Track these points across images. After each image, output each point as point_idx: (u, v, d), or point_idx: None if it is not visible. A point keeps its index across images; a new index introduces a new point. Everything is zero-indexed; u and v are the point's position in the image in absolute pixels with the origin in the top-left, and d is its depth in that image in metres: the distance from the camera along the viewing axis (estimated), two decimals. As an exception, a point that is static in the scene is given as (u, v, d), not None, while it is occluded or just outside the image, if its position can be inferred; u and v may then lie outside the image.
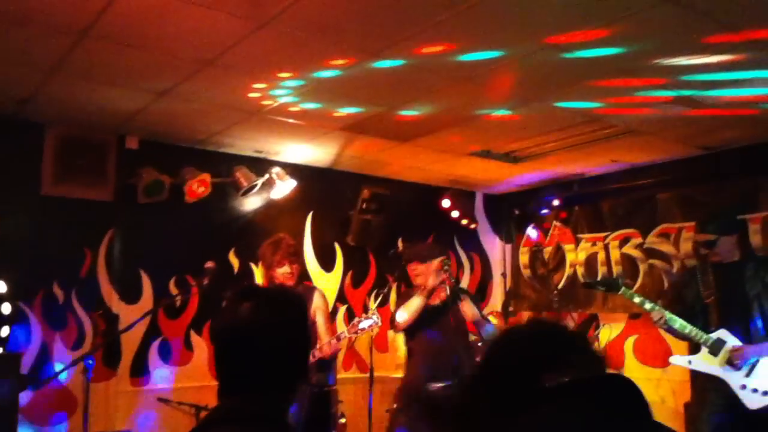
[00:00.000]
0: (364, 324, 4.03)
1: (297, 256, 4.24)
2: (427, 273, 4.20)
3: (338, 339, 4.08)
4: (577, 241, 6.55)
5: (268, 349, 1.48)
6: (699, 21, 3.10)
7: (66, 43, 3.33)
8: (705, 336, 3.91)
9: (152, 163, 4.88)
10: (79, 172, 4.75)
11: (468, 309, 4.16)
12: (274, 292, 1.68)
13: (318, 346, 4.08)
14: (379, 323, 4.11)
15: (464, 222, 6.83)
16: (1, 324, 4.07)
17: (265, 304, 1.54)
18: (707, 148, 5.40)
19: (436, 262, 4.17)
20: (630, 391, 1.23)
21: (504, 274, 7.25)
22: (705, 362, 3.91)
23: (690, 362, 4.00)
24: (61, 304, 4.67)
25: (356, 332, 4.07)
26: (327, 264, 6.02)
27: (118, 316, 4.84)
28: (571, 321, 6.02)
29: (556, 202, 6.55)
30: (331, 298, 5.85)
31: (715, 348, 3.87)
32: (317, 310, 4.24)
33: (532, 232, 6.91)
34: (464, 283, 7.07)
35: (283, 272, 4.13)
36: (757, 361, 3.78)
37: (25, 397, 4.21)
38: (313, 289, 4.42)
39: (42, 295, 4.59)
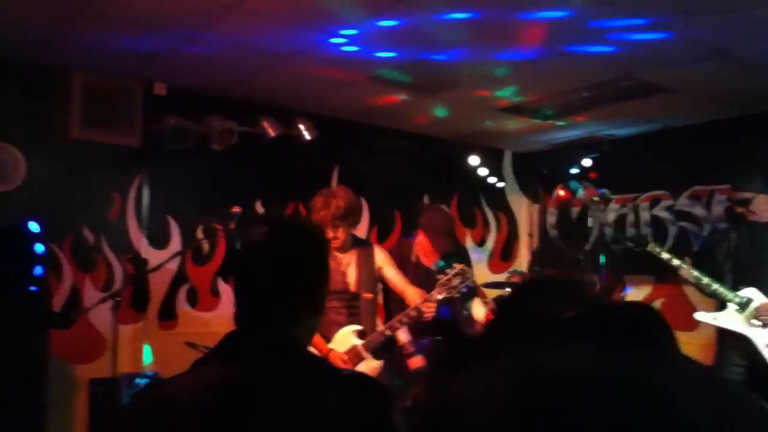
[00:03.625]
0: (455, 282, 3.57)
1: (344, 219, 3.61)
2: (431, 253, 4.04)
3: (429, 300, 3.58)
4: (607, 202, 6.46)
5: (284, 275, 1.46)
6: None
7: (92, -16, 3.35)
8: (732, 293, 3.86)
9: (179, 111, 4.90)
10: (106, 117, 4.80)
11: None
12: (291, 219, 1.66)
13: (417, 304, 3.58)
14: (470, 277, 3.65)
15: (492, 180, 6.77)
16: (34, 263, 4.17)
17: (282, 230, 1.53)
18: (741, 109, 5.27)
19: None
20: (652, 317, 1.18)
21: (531, 234, 7.22)
22: (730, 319, 3.87)
23: (715, 318, 3.96)
24: (91, 247, 4.77)
25: (449, 291, 3.58)
26: (353, 218, 6.03)
27: (146, 260, 4.94)
28: (598, 282, 5.96)
29: (585, 162, 6.45)
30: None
31: (742, 305, 3.83)
32: (383, 266, 3.78)
33: (560, 192, 6.84)
34: (490, 242, 7.06)
35: (329, 237, 3.61)
36: (785, 320, 3.73)
37: (56, 335, 4.33)
38: (370, 245, 3.90)
39: (72, 237, 4.69)
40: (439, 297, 3.59)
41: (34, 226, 4.14)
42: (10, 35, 4.10)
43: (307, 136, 5.27)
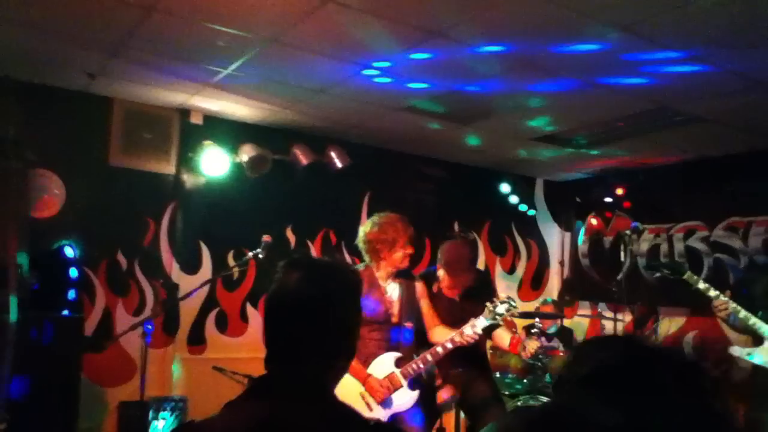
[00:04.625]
0: (501, 309, 3.65)
1: None
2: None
3: (474, 326, 3.63)
4: (640, 232, 6.36)
5: (316, 321, 1.46)
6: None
7: (134, 18, 3.42)
8: (769, 330, 3.76)
9: (214, 138, 4.99)
10: (144, 145, 4.92)
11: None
12: (326, 263, 1.66)
13: (456, 333, 3.65)
14: (516, 306, 3.74)
15: (523, 208, 6.73)
16: (68, 287, 4.25)
17: (316, 275, 1.52)
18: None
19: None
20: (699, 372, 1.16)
21: (562, 262, 7.14)
22: (766, 356, 3.76)
23: (749, 354, 3.84)
24: (124, 272, 4.84)
25: (494, 318, 3.65)
26: (383, 244, 6.03)
27: (178, 285, 5.00)
28: (630, 313, 5.87)
29: (619, 191, 6.38)
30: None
31: (779, 343, 3.72)
32: (421, 299, 3.88)
33: (593, 220, 6.76)
34: (520, 270, 7.00)
35: (407, 254, 3.73)
36: (823, 360, 3.61)
37: (88, 358, 4.39)
38: (413, 276, 3.97)
39: (106, 262, 4.78)
40: (485, 323, 3.62)
41: (69, 251, 4.22)
42: (56, 66, 4.22)
43: (339, 164, 5.30)
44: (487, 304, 3.66)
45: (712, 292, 3.90)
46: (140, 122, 4.90)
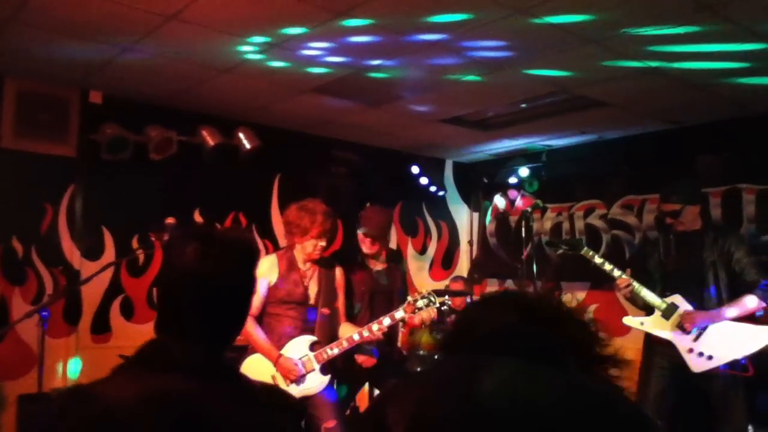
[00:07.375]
0: (421, 303, 3.69)
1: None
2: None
3: (393, 320, 3.68)
4: (543, 211, 6.62)
5: (211, 295, 1.46)
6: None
7: (23, -11, 3.25)
8: (658, 299, 4.01)
9: (116, 119, 4.80)
10: (40, 126, 4.67)
11: None
12: (224, 236, 1.63)
13: (375, 322, 3.69)
14: (436, 303, 3.74)
15: (433, 189, 6.85)
16: (-43, 277, 4.01)
17: (214, 249, 1.50)
18: (675, 123, 5.48)
19: None
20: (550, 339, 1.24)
21: (471, 242, 7.34)
22: (656, 325, 4.01)
23: (642, 323, 4.10)
24: (21, 259, 4.61)
25: (413, 312, 3.69)
26: (294, 227, 6.00)
27: (79, 272, 4.81)
28: (534, 288, 6.10)
29: (524, 172, 6.60)
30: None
31: (668, 312, 3.97)
32: (339, 289, 3.88)
33: (499, 200, 6.97)
34: (431, 250, 7.14)
35: (317, 246, 3.69)
36: (707, 326, 3.89)
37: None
38: (333, 264, 3.94)
39: (1, 249, 4.54)
40: (404, 315, 3.70)
41: (-42, 238, 3.99)
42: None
43: (248, 146, 5.22)
44: (408, 297, 3.75)
45: (607, 266, 4.12)
46: (35, 102, 4.64)
